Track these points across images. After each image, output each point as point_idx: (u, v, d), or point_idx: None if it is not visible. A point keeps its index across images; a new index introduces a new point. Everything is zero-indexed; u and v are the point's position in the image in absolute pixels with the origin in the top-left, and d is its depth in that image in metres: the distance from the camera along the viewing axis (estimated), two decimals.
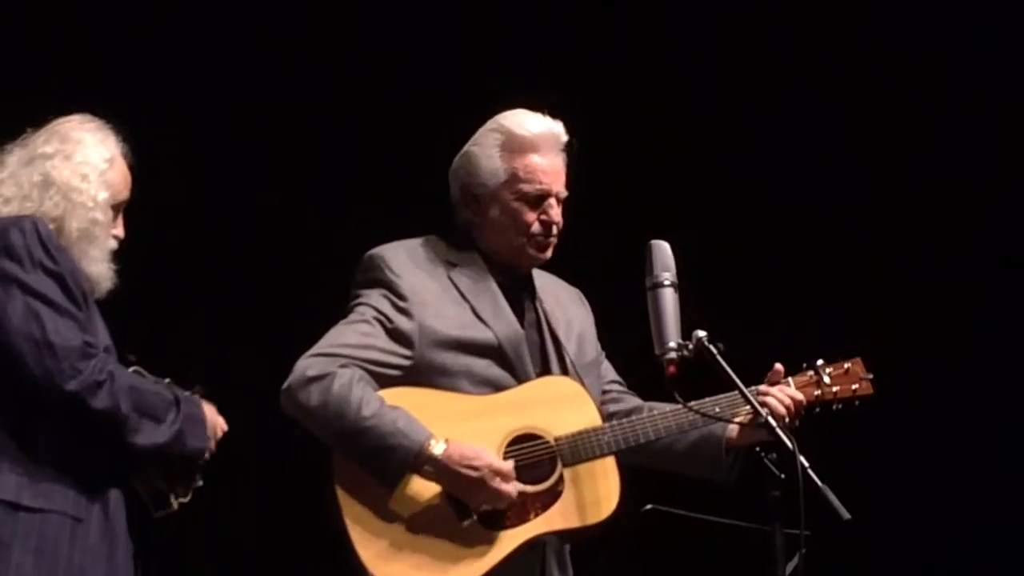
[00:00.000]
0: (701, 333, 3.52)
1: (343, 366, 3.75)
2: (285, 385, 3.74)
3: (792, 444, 3.36)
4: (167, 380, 3.60)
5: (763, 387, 3.84)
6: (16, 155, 3.58)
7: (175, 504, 3.59)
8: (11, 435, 3.35)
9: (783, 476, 3.38)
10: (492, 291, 3.93)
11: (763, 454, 3.45)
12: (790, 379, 3.90)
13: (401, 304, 3.84)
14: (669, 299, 3.52)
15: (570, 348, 3.95)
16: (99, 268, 3.54)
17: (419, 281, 3.88)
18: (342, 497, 3.72)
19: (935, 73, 5.80)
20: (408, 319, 3.83)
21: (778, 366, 3.88)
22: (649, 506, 3.63)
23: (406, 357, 3.81)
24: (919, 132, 5.79)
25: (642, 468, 3.85)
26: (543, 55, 5.73)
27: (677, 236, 3.59)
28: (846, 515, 3.31)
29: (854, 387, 3.93)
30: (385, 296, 3.86)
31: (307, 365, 3.75)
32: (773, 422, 3.43)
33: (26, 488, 3.32)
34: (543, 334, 3.96)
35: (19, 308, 3.35)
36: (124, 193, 3.64)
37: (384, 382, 3.79)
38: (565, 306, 4.04)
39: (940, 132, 5.77)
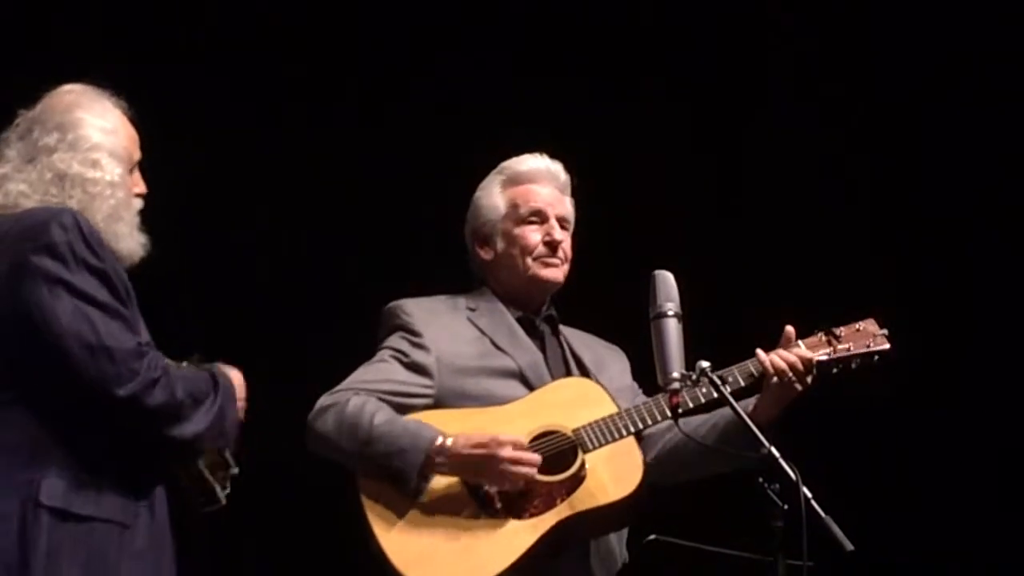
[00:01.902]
0: (705, 364, 3.54)
1: (356, 394, 3.90)
2: (307, 423, 3.90)
3: (795, 475, 3.36)
4: (195, 355, 3.51)
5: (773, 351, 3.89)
6: (16, 148, 3.43)
7: (223, 498, 3.49)
8: (58, 439, 3.23)
9: (786, 507, 3.37)
10: (509, 324, 4.07)
11: (766, 484, 3.44)
12: (800, 342, 3.94)
13: (416, 340, 3.98)
14: (673, 329, 3.54)
15: (600, 377, 4.03)
16: (128, 244, 3.42)
17: (434, 319, 4.03)
18: (368, 506, 3.80)
19: (937, 72, 5.81)
20: (425, 352, 3.96)
21: (788, 328, 3.95)
22: (652, 536, 3.63)
23: (427, 387, 3.94)
24: (921, 142, 5.81)
25: (674, 488, 3.90)
26: (542, 89, 5.75)
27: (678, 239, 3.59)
28: (849, 546, 3.31)
29: (868, 343, 3.98)
30: (402, 336, 4.01)
31: (324, 400, 3.92)
32: (776, 453, 3.43)
33: (74, 494, 3.21)
34: (567, 362, 4.07)
35: (68, 310, 3.21)
36: (136, 153, 3.54)
37: (407, 412, 3.90)
38: (596, 350, 4.16)
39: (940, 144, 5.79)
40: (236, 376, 3.51)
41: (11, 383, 3.24)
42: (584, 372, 4.07)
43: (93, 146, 3.42)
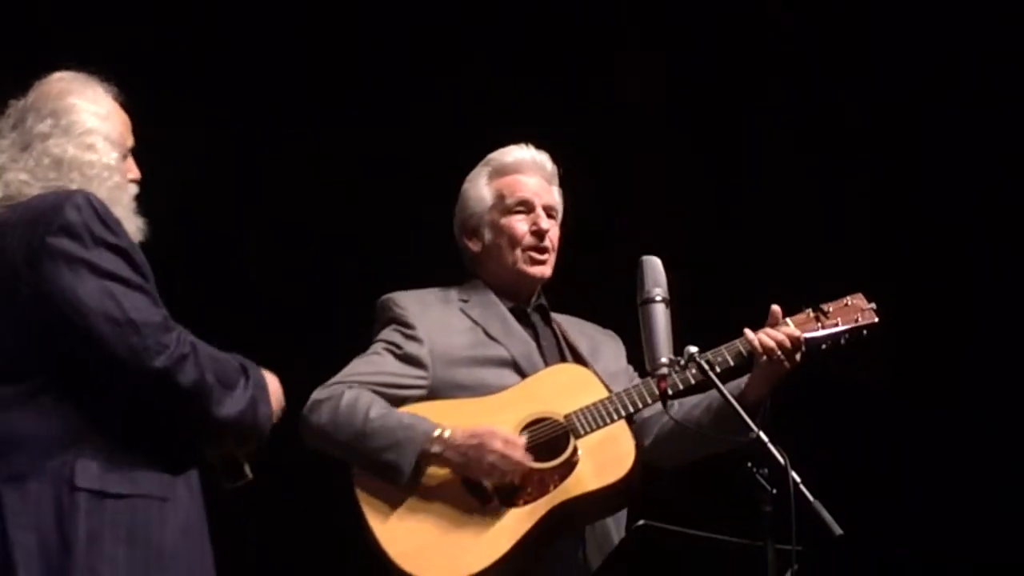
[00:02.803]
0: (693, 349, 3.56)
1: (350, 387, 3.91)
2: (301, 416, 3.88)
3: (784, 459, 3.37)
4: None
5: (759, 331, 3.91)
6: (9, 138, 3.41)
7: (249, 473, 3.45)
8: (89, 420, 3.20)
9: (775, 491, 3.38)
10: (502, 315, 4.09)
11: (755, 469, 3.45)
12: (788, 319, 3.96)
13: (409, 332, 4.00)
14: (661, 315, 3.55)
15: (596, 365, 4.04)
16: (128, 227, 3.37)
17: (427, 311, 4.05)
18: (363, 500, 3.83)
19: (937, 72, 5.81)
20: (418, 344, 3.98)
21: (774, 307, 3.96)
22: (641, 522, 3.64)
23: (420, 378, 3.96)
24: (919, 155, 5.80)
25: (664, 472, 3.93)
26: (540, 88, 5.76)
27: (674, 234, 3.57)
28: (838, 530, 3.32)
29: (856, 318, 3.99)
30: (394, 329, 4.04)
31: (318, 393, 3.94)
32: (765, 437, 3.44)
33: (110, 474, 3.18)
34: (562, 350, 4.09)
35: (92, 288, 3.17)
36: (130, 139, 3.52)
37: (402, 404, 3.93)
38: (592, 336, 4.18)
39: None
40: (272, 378, 3.49)
41: (38, 370, 3.22)
42: (579, 360, 4.08)
43: (87, 130, 3.40)
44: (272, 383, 3.47)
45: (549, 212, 4.14)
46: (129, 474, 3.21)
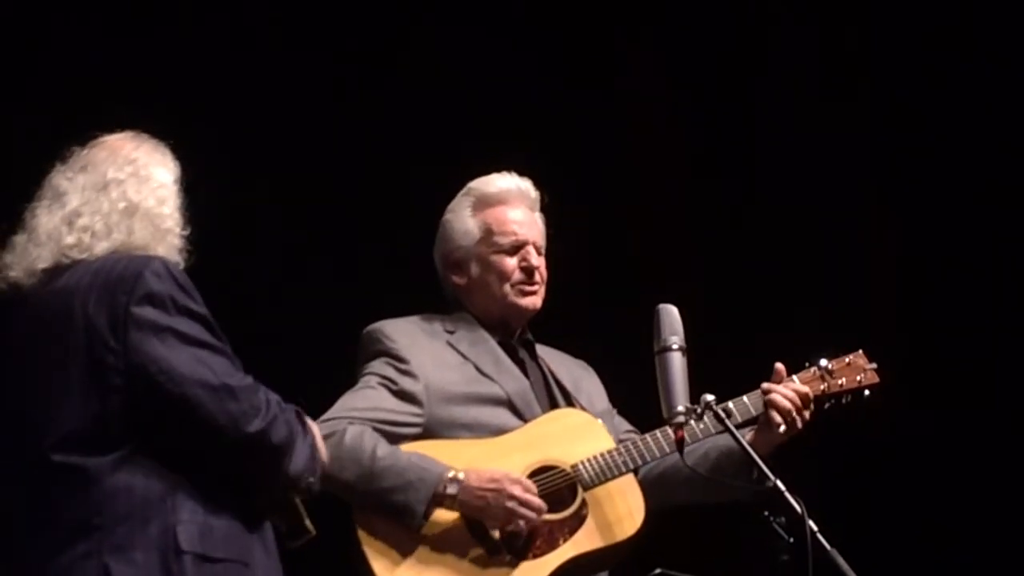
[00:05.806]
0: (709, 397, 3.54)
1: (351, 424, 3.82)
2: None
3: (801, 508, 3.36)
4: None
5: (767, 384, 3.89)
6: (81, 180, 3.42)
7: (311, 528, 3.38)
8: (180, 483, 3.21)
9: (792, 540, 3.38)
10: (492, 349, 4.02)
11: (771, 518, 3.44)
12: (794, 376, 3.95)
13: (403, 367, 3.93)
14: (677, 363, 3.53)
15: (580, 399, 4.01)
16: None
17: (418, 344, 3.97)
18: (367, 547, 3.75)
19: (945, 80, 5.77)
20: (413, 380, 3.90)
21: (779, 366, 3.94)
22: (658, 571, 3.63)
23: (416, 415, 3.88)
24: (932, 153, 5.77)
25: (664, 513, 3.88)
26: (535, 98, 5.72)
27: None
28: None
29: (859, 378, 4.00)
30: (387, 363, 3.94)
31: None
32: (782, 486, 3.43)
33: (205, 538, 3.19)
34: (550, 387, 4.04)
35: (184, 358, 3.21)
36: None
37: (398, 442, 3.84)
38: (571, 368, 4.13)
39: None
40: (313, 425, 3.48)
41: (128, 437, 3.24)
42: (566, 396, 4.02)
43: (162, 184, 3.45)
44: (314, 428, 3.46)
45: (537, 247, 4.07)
46: (221, 537, 3.23)
